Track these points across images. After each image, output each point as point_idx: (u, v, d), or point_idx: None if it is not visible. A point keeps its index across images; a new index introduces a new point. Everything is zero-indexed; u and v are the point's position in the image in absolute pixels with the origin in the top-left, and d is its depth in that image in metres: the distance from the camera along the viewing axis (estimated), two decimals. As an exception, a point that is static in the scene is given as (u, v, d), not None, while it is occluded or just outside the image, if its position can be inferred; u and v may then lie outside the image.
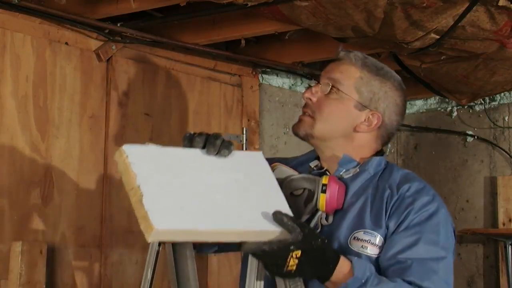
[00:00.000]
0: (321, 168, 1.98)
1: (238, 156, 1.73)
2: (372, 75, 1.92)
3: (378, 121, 1.92)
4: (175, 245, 2.04)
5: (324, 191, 1.83)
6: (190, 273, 2.02)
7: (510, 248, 3.93)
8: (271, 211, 1.62)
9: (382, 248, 1.80)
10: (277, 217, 1.62)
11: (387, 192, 1.85)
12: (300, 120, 1.96)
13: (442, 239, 1.79)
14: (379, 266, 1.80)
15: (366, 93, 1.91)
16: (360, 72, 1.92)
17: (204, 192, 1.59)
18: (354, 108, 1.91)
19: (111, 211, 2.92)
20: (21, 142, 2.65)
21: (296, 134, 1.96)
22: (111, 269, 2.91)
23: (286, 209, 1.68)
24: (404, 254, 1.75)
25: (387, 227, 1.80)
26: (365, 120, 1.92)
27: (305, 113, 1.96)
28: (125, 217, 2.98)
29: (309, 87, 1.99)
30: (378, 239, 1.81)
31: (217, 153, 1.71)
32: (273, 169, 1.95)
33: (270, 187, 1.73)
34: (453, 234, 1.86)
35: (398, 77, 1.97)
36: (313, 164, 2.00)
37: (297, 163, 2.05)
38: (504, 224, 3.99)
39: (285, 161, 2.04)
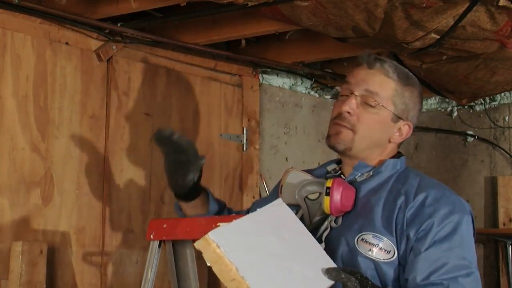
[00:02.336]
0: (337, 171, 1.99)
1: (271, 212, 1.75)
2: (404, 86, 1.94)
3: (410, 131, 1.97)
4: (175, 245, 2.04)
5: (328, 194, 1.85)
6: (190, 273, 2.03)
7: (510, 248, 3.93)
8: (321, 264, 1.70)
9: (390, 253, 1.80)
10: (332, 275, 1.67)
11: (402, 198, 1.84)
12: (338, 133, 1.94)
13: (468, 253, 1.80)
14: (385, 271, 1.80)
15: (400, 104, 1.94)
16: (395, 84, 1.94)
17: (281, 263, 1.63)
18: (391, 121, 1.94)
19: (111, 211, 2.92)
20: (21, 142, 2.65)
21: (333, 147, 1.96)
22: (111, 269, 2.91)
23: (327, 259, 1.75)
24: (437, 275, 1.75)
25: (407, 237, 1.80)
26: (398, 130, 1.95)
27: (342, 125, 1.94)
28: (125, 217, 2.98)
29: (340, 95, 1.97)
30: (388, 244, 1.81)
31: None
32: (287, 174, 1.98)
33: (306, 237, 1.78)
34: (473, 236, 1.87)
35: (418, 82, 2.02)
36: (330, 167, 2.03)
37: (319, 169, 2.07)
38: (504, 224, 3.99)
39: (310, 171, 2.06)
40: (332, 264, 1.72)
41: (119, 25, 2.92)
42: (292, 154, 3.85)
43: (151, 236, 2.02)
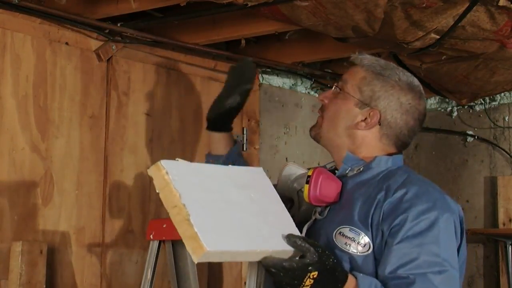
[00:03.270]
0: (336, 169, 2.00)
1: (245, 173, 1.77)
2: (375, 75, 1.95)
3: (377, 118, 1.93)
4: (175, 245, 2.04)
5: (308, 182, 1.85)
6: (190, 273, 2.02)
7: (510, 248, 3.93)
8: (284, 231, 1.67)
9: (366, 247, 1.80)
10: (291, 240, 1.65)
11: (382, 192, 1.83)
12: (315, 123, 2.02)
13: (444, 251, 1.76)
14: (362, 265, 1.80)
15: (367, 91, 1.93)
16: (364, 72, 1.95)
17: (235, 212, 1.62)
18: (355, 106, 1.94)
19: (111, 211, 2.92)
20: (21, 142, 2.65)
21: (310, 136, 2.03)
22: (111, 269, 2.91)
23: (293, 227, 1.73)
24: (405, 269, 1.73)
25: (382, 231, 1.79)
26: (365, 118, 1.93)
27: (320, 115, 2.01)
28: (125, 217, 2.98)
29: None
30: (364, 238, 1.80)
31: None
32: (283, 168, 1.99)
33: (278, 205, 1.77)
34: (461, 238, 1.83)
35: (408, 78, 1.99)
36: (329, 165, 2.04)
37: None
38: (504, 224, 3.99)
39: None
40: (297, 233, 1.71)
41: (119, 25, 2.92)
42: (292, 154, 3.85)
43: (151, 236, 2.02)
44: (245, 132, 3.53)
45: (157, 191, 1.54)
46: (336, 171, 1.99)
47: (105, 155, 2.93)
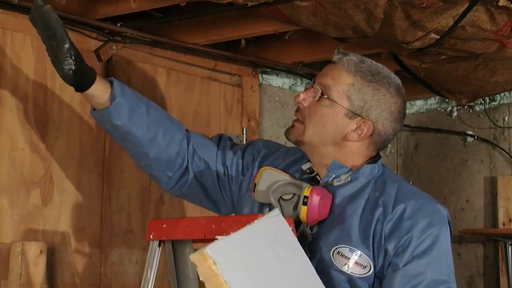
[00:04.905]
0: (313, 171, 1.94)
1: (268, 225, 1.72)
2: (365, 82, 1.86)
3: (369, 130, 1.87)
4: (175, 245, 2.04)
5: (305, 203, 1.80)
6: (190, 273, 2.02)
7: (510, 248, 3.93)
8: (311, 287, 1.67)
9: (366, 269, 1.77)
10: None
11: (380, 209, 1.80)
12: (292, 126, 1.93)
13: (446, 266, 1.78)
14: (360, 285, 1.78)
15: (358, 101, 1.85)
16: (352, 78, 1.86)
17: (272, 283, 1.60)
18: (345, 116, 1.86)
19: (111, 211, 2.92)
20: (21, 142, 2.65)
21: (288, 139, 1.94)
22: (111, 269, 2.91)
23: (318, 281, 1.70)
24: None
25: (385, 251, 1.77)
26: (356, 128, 1.86)
27: (297, 118, 1.92)
28: (125, 217, 2.98)
29: (305, 89, 1.96)
30: (363, 258, 1.77)
31: None
32: (261, 173, 1.94)
33: (299, 256, 1.74)
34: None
35: (395, 82, 1.91)
36: (305, 166, 1.96)
37: (291, 162, 2.01)
38: (504, 224, 3.99)
39: (280, 155, 2.01)
40: (321, 285, 1.68)
41: (119, 25, 2.92)
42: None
43: (151, 236, 2.02)
44: (245, 132, 3.52)
45: (201, 279, 1.52)
46: (318, 176, 1.94)
47: (105, 155, 2.93)
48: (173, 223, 1.98)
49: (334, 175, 1.88)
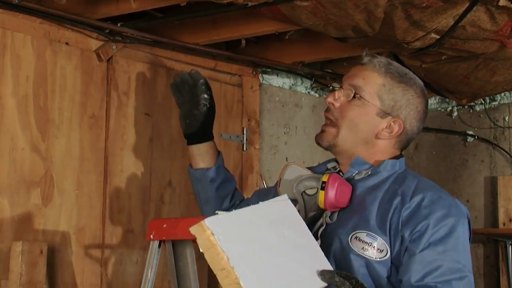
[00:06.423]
0: (337, 169, 2.00)
1: (274, 207, 1.75)
2: (394, 82, 1.93)
3: (400, 129, 1.94)
4: (175, 245, 2.04)
5: (323, 188, 1.85)
6: (190, 273, 2.02)
7: (510, 248, 3.93)
8: (317, 266, 1.69)
9: (383, 253, 1.80)
10: (325, 277, 1.66)
11: (398, 198, 1.84)
12: (323, 131, 1.98)
13: (463, 257, 1.81)
14: (379, 273, 1.80)
15: (388, 100, 1.92)
16: (383, 79, 1.93)
17: (274, 259, 1.63)
18: (376, 115, 1.93)
19: (111, 211, 2.92)
20: (21, 142, 2.65)
21: (319, 144, 1.99)
22: (111, 269, 2.91)
23: (324, 261, 1.74)
24: (431, 277, 1.75)
25: (402, 237, 1.80)
26: (386, 127, 1.93)
27: (328, 120, 1.97)
28: (125, 217, 2.98)
29: (332, 90, 2.01)
30: (381, 244, 1.81)
31: None
32: (286, 168, 1.99)
33: (306, 237, 1.77)
34: (469, 239, 1.86)
35: (420, 83, 1.99)
36: (330, 165, 2.04)
37: (319, 167, 2.08)
38: (504, 224, 4.00)
39: (311, 168, 2.06)
40: (329, 267, 1.72)
41: (119, 25, 2.92)
42: (292, 154, 3.85)
43: (151, 236, 2.02)
44: (245, 132, 3.52)
45: (201, 250, 1.54)
46: (341, 173, 1.99)
47: (105, 155, 2.93)
48: (173, 223, 1.98)
49: (356, 171, 1.94)
